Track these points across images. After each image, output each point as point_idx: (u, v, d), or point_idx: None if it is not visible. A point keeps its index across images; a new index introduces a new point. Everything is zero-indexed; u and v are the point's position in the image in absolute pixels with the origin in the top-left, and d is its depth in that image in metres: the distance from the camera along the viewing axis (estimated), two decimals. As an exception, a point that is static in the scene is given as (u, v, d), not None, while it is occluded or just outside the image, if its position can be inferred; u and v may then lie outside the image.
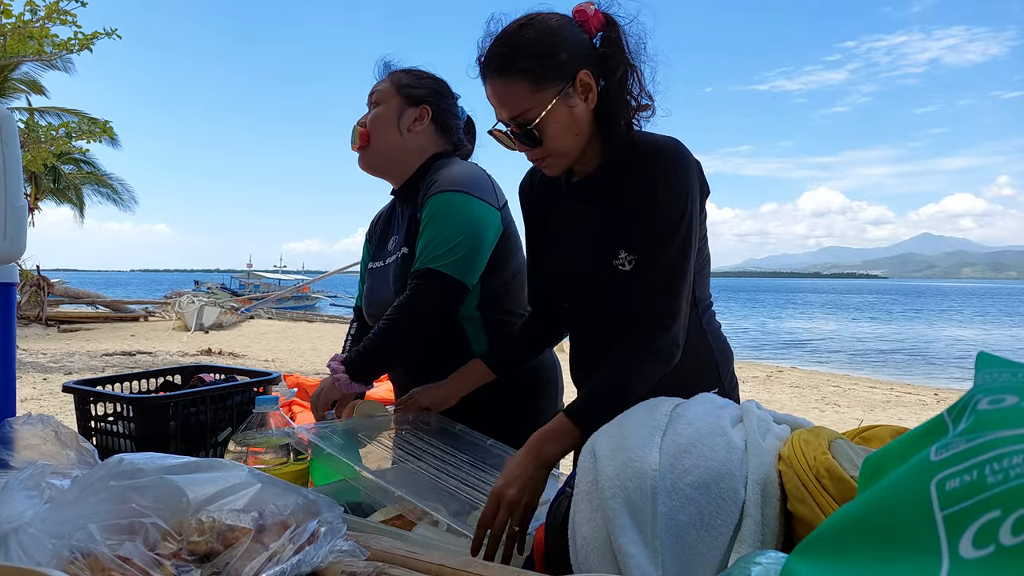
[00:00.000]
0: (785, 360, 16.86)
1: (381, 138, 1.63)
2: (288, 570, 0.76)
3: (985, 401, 0.49)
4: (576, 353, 1.40)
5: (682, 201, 1.18)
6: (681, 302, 1.18)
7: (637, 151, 1.23)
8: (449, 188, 1.52)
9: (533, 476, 1.08)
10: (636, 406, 1.05)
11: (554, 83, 1.19)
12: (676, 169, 1.19)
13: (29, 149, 10.12)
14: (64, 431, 1.19)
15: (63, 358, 11.65)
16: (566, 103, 1.20)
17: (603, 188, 1.28)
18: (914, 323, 35.44)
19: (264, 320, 22.01)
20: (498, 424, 1.51)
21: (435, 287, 1.47)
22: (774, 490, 0.86)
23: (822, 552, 0.54)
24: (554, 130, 1.21)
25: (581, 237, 1.31)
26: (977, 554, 0.42)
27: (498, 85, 1.21)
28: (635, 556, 0.83)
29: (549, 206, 1.40)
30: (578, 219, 1.33)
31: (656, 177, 1.19)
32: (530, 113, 1.20)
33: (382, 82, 1.67)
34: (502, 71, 1.20)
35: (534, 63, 1.18)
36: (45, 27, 8.84)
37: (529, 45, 1.18)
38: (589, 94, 1.22)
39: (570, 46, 1.20)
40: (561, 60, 1.19)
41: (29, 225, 1.53)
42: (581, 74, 1.20)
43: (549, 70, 1.18)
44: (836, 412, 8.48)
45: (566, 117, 1.21)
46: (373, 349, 1.50)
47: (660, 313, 1.17)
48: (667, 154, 1.20)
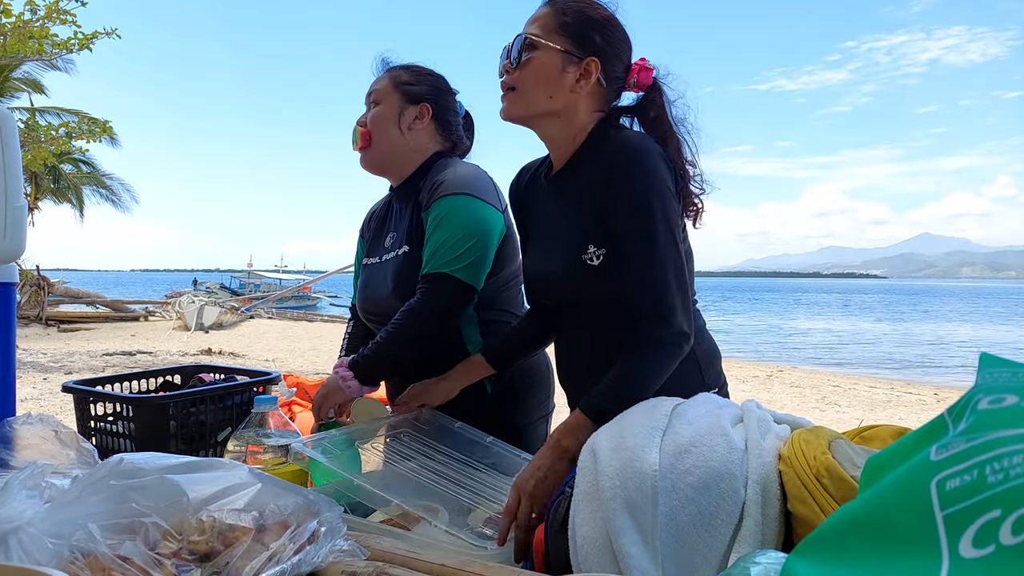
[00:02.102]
0: (785, 360, 16.86)
1: (382, 137, 1.62)
2: (288, 570, 0.76)
3: (985, 401, 0.49)
4: (559, 353, 1.41)
5: (653, 188, 1.18)
6: (672, 288, 1.17)
7: (605, 144, 1.24)
8: (457, 191, 1.52)
9: (553, 468, 1.10)
10: (636, 405, 1.05)
11: (571, 41, 1.25)
12: (642, 159, 1.19)
13: (29, 149, 10.12)
14: (64, 431, 1.19)
15: (63, 358, 11.65)
16: (563, 62, 1.25)
17: (573, 182, 1.29)
18: (914, 323, 35.47)
19: (264, 320, 22.01)
20: (491, 421, 1.51)
21: (446, 291, 1.47)
22: (774, 490, 0.86)
23: (822, 551, 0.54)
24: (536, 67, 1.26)
25: (554, 235, 1.32)
26: (977, 554, 0.42)
27: (544, 7, 1.29)
28: (635, 556, 0.83)
29: (532, 204, 1.42)
30: (551, 217, 1.34)
31: (622, 168, 1.19)
32: (536, 38, 1.26)
33: (380, 80, 1.66)
34: (553, 3, 1.28)
35: (574, 18, 1.25)
36: (45, 27, 8.84)
37: (583, 9, 1.26)
38: (584, 81, 1.26)
39: (609, 42, 1.27)
40: (592, 37, 1.25)
41: (29, 225, 1.53)
42: (592, 60, 1.25)
43: (577, 32, 1.25)
44: (836, 412, 8.47)
45: (553, 70, 1.25)
46: (384, 353, 1.50)
47: (656, 303, 1.16)
48: (632, 146, 1.21)
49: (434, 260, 1.49)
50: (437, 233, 1.50)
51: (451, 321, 1.53)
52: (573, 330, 1.36)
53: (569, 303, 1.34)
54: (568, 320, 1.37)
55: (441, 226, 1.50)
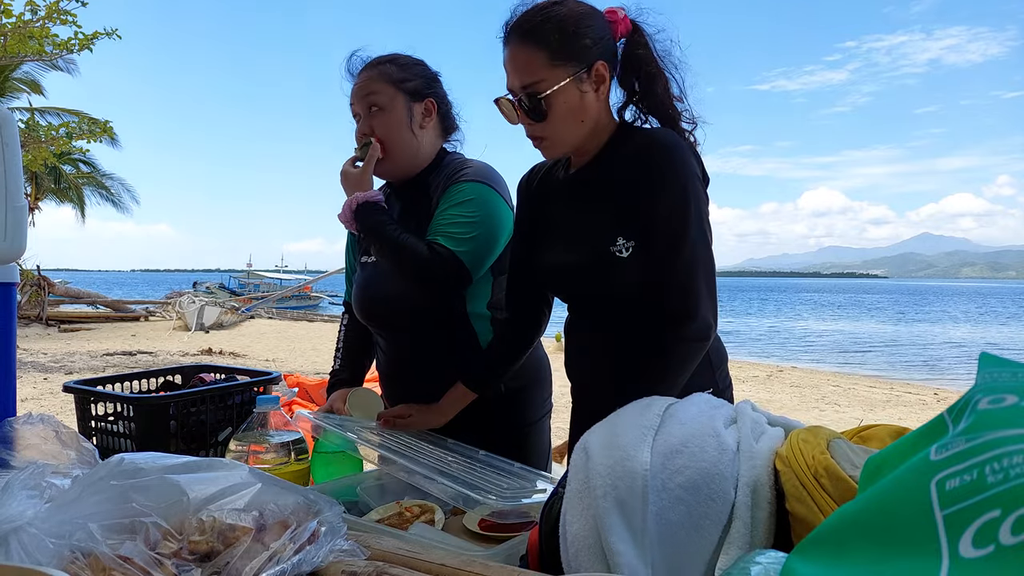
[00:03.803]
0: (785, 359, 16.86)
1: (398, 144, 1.55)
2: (288, 570, 0.76)
3: (985, 401, 0.49)
4: (569, 350, 1.40)
5: (690, 186, 1.19)
6: (702, 289, 1.18)
7: (634, 142, 1.24)
8: (481, 180, 1.52)
9: None
10: (629, 405, 1.04)
11: (572, 63, 1.21)
12: (674, 156, 1.20)
13: (29, 149, 10.12)
14: (65, 431, 1.19)
15: (63, 358, 11.65)
16: (578, 86, 1.22)
17: (601, 178, 1.29)
18: (914, 323, 35.43)
19: (264, 320, 22.01)
20: (495, 421, 1.51)
21: (446, 265, 1.44)
22: (765, 493, 0.86)
23: (822, 551, 0.54)
24: (561, 109, 1.22)
25: (579, 228, 1.31)
26: (977, 553, 0.42)
27: (517, 49, 1.22)
28: (624, 555, 0.83)
29: (547, 201, 1.41)
30: (576, 210, 1.33)
31: (656, 165, 1.19)
32: (542, 84, 1.21)
33: (372, 81, 1.55)
34: (525, 36, 1.21)
35: (558, 37, 1.20)
36: (45, 27, 8.84)
37: (559, 20, 1.20)
38: (601, 86, 1.24)
39: (595, 34, 1.23)
40: (584, 44, 1.21)
41: (29, 225, 1.52)
42: (598, 64, 1.23)
43: (570, 48, 1.21)
44: (836, 411, 8.48)
45: (575, 100, 1.22)
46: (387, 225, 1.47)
47: (685, 302, 1.18)
48: (664, 143, 1.21)
49: (444, 236, 1.46)
50: (454, 210, 1.48)
51: (427, 286, 1.48)
52: (585, 328, 1.36)
53: (586, 297, 1.34)
54: (579, 317, 1.37)
55: (461, 205, 1.49)
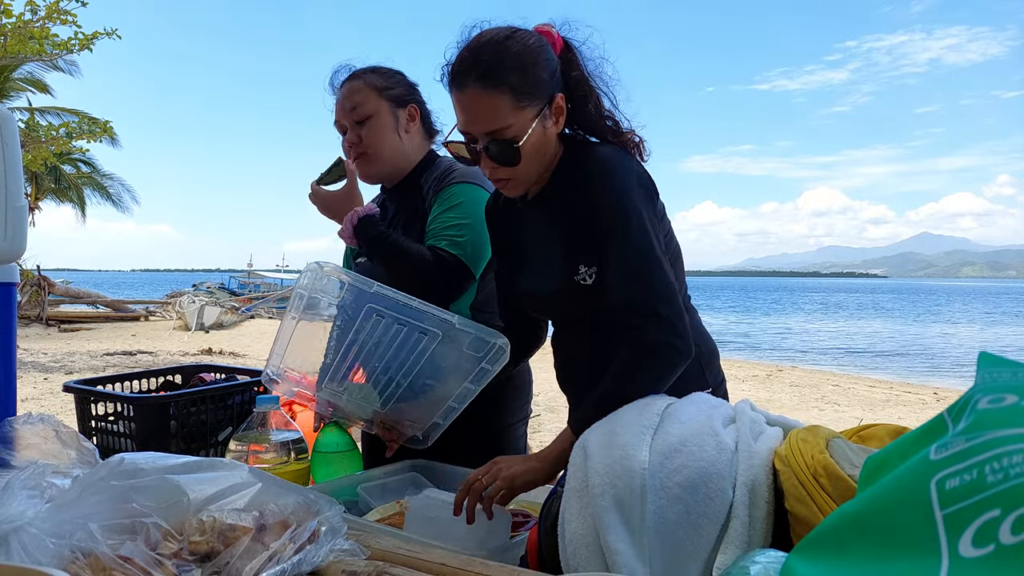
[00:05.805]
0: (785, 359, 16.85)
1: (385, 150, 1.61)
2: (288, 569, 0.76)
3: (985, 400, 0.49)
4: (559, 363, 1.40)
5: (623, 189, 1.16)
6: (657, 284, 1.12)
7: (577, 161, 1.22)
8: (469, 180, 1.55)
9: (536, 466, 1.10)
10: (629, 404, 1.04)
11: (535, 102, 1.16)
12: (609, 166, 1.17)
13: (29, 149, 10.12)
14: (65, 430, 1.19)
15: (64, 357, 11.65)
16: (543, 124, 1.18)
17: (552, 205, 1.27)
18: (914, 323, 35.44)
19: (265, 320, 22.01)
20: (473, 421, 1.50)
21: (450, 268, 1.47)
22: (763, 492, 0.86)
23: (822, 551, 0.54)
24: (528, 153, 1.18)
25: (543, 256, 1.30)
26: (977, 553, 0.42)
27: (478, 95, 1.14)
28: (623, 553, 0.83)
29: (512, 226, 1.39)
30: (537, 237, 1.32)
31: (593, 178, 1.17)
32: (510, 131, 1.15)
33: (358, 92, 1.59)
34: (486, 81, 1.13)
35: (519, 78, 1.14)
36: (45, 27, 8.84)
37: (515, 58, 1.14)
38: (560, 117, 1.21)
39: (549, 67, 1.18)
40: (542, 79, 1.17)
41: (29, 225, 1.52)
42: (558, 97, 1.19)
43: (531, 86, 1.15)
44: (836, 411, 8.47)
45: (540, 138, 1.19)
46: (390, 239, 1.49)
47: (640, 299, 1.12)
48: (598, 157, 1.19)
49: (443, 239, 1.48)
50: (451, 212, 1.51)
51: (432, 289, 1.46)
52: (570, 342, 1.36)
53: (566, 319, 1.34)
54: (564, 333, 1.37)
55: (456, 207, 1.51)
